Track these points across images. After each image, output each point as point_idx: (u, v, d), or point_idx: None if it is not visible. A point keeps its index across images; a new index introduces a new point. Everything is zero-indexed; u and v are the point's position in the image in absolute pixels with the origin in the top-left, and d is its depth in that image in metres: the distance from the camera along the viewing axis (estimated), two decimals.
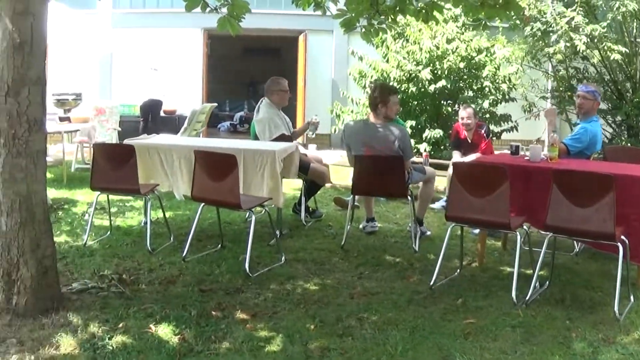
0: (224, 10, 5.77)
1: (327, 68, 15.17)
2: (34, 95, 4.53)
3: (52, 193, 8.63)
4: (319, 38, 14.88)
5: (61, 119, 10.20)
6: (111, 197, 6.95)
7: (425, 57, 11.35)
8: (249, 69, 18.19)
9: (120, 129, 11.26)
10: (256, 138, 7.35)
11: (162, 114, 13.88)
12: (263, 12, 14.19)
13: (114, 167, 6.21)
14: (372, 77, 11.71)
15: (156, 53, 14.12)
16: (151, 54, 13.54)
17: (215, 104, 10.29)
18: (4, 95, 4.47)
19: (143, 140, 7.07)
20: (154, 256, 6.01)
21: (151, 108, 13.26)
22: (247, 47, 17.81)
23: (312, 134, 7.95)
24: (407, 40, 11.72)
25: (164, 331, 4.35)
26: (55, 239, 6.08)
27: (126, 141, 6.88)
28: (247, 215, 7.00)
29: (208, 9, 5.69)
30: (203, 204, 6.01)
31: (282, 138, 7.19)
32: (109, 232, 6.78)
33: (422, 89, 11.41)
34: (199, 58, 14.95)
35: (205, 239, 6.59)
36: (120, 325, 4.42)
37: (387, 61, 11.89)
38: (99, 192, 6.47)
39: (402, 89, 11.44)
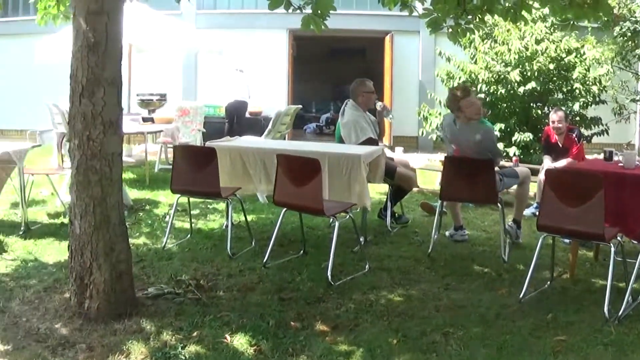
0: (308, 9, 5.62)
1: (414, 69, 14.83)
2: (110, 96, 4.43)
3: (133, 194, 8.72)
4: (405, 39, 14.57)
5: (144, 120, 10.26)
6: (193, 199, 6.89)
7: (514, 58, 10.97)
8: (335, 70, 18.01)
9: (204, 130, 11.27)
10: (341, 141, 7.13)
11: (247, 115, 13.86)
12: (349, 13, 14.03)
13: (194, 169, 6.11)
14: (460, 78, 11.37)
15: (241, 54, 14.10)
16: (236, 55, 13.48)
17: (300, 106, 10.15)
18: (78, 96, 4.40)
19: (225, 142, 6.95)
20: (234, 261, 5.87)
21: (236, 109, 13.25)
22: (333, 48, 17.65)
23: (391, 116, 7.71)
24: (496, 41, 11.39)
25: (240, 342, 4.17)
26: (134, 240, 6.19)
27: (208, 143, 6.79)
28: (330, 221, 6.77)
29: (291, 8, 5.54)
30: (285, 208, 5.82)
31: (368, 142, 6.96)
32: (189, 235, 6.69)
33: (512, 91, 11.06)
34: (284, 59, 14.88)
35: (287, 244, 6.41)
36: (195, 334, 4.26)
37: (475, 62, 11.56)
38: (179, 195, 6.36)
39: (491, 90, 11.14)
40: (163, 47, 9.93)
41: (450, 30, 5.97)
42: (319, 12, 5.60)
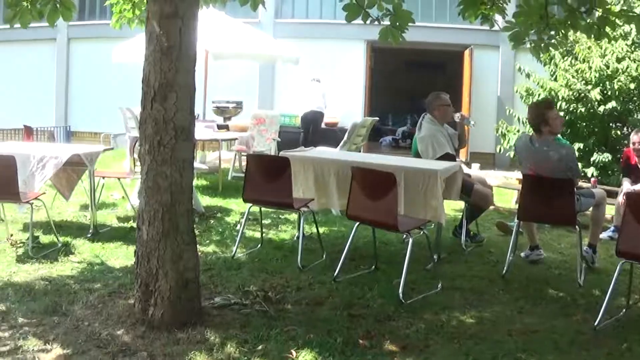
0: (387, 20, 5.52)
1: (493, 85, 14.46)
2: (182, 101, 4.37)
3: (205, 201, 8.71)
4: (484, 53, 14.21)
5: (219, 127, 10.27)
6: (265, 209, 6.84)
7: (595, 77, 10.61)
8: (412, 83, 17.71)
9: (279, 139, 11.22)
10: (417, 155, 6.94)
11: (323, 126, 13.77)
12: (427, 26, 13.80)
13: (268, 179, 6.04)
14: (539, 95, 11.06)
15: (317, 64, 14.03)
16: (312, 65, 13.40)
17: (377, 118, 9.97)
18: (150, 100, 4.35)
19: (299, 152, 6.84)
20: (304, 274, 5.74)
21: (313, 120, 13.15)
22: (410, 61, 17.38)
23: (472, 122, 7.50)
24: (576, 58, 11.04)
25: (306, 358, 4.02)
26: (204, 248, 6.14)
27: (282, 153, 6.70)
28: (404, 237, 6.57)
29: (369, 20, 5.46)
30: (358, 222, 5.66)
31: (446, 157, 6.76)
32: (259, 245, 6.60)
33: (591, 110, 10.72)
34: (361, 70, 14.70)
35: (358, 259, 6.22)
36: (260, 347, 4.13)
37: (555, 79, 11.25)
38: (251, 204, 6.29)
39: (570, 109, 10.80)
40: (240, 54, 9.87)
41: (532, 44, 5.75)
42: (398, 24, 5.51)
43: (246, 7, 6.11)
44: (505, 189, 9.38)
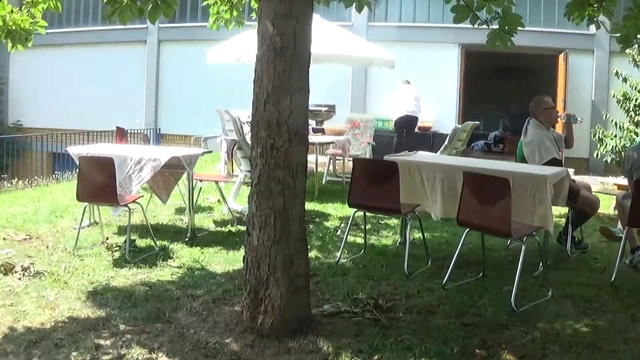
0: (495, 24, 5.35)
1: (587, 89, 13.93)
2: (296, 104, 4.26)
3: None
4: (579, 58, 13.66)
5: (314, 130, 10.16)
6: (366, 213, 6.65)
7: None
8: (503, 87, 17.20)
9: (374, 143, 11.03)
10: (522, 160, 6.73)
11: (416, 130, 13.55)
12: (520, 29, 13.39)
13: (375, 184, 5.90)
14: (636, 99, 10.53)
15: (411, 68, 13.66)
16: (406, 69, 13.05)
17: (477, 123, 9.65)
18: (263, 102, 4.24)
19: (404, 157, 6.65)
20: (411, 280, 5.58)
21: (407, 124, 12.91)
22: (501, 65, 16.86)
23: (580, 119, 7.22)
24: None
25: None
26: None
27: (387, 157, 6.53)
28: (508, 243, 6.37)
29: (478, 22, 5.28)
30: (468, 229, 5.46)
31: (552, 162, 6.53)
32: (362, 251, 6.44)
33: None
34: (455, 74, 14.36)
35: (464, 266, 5.98)
36: (376, 357, 3.98)
37: None
38: (355, 209, 6.16)
39: None
40: (336, 58, 9.69)
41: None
42: (507, 28, 5.35)
43: (339, 11, 5.99)
44: (603, 194, 8.96)
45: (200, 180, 7.48)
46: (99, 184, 6.05)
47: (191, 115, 15.05)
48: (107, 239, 6.57)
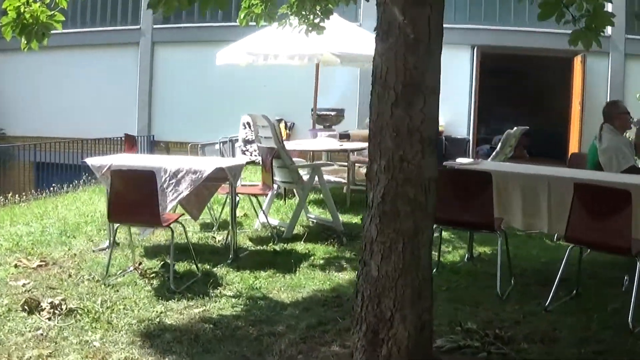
0: (582, 23, 4.99)
1: (602, 92, 13.49)
2: (430, 107, 3.57)
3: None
4: (594, 60, 13.15)
5: (341, 137, 9.47)
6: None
7: None
8: (511, 90, 16.47)
9: None
10: (596, 167, 6.21)
11: None
12: (535, 31, 12.99)
13: (463, 197, 5.23)
14: None
15: None
16: None
17: (526, 127, 9.02)
18: (390, 105, 3.53)
19: (472, 166, 6.01)
20: (505, 303, 5.02)
21: None
22: (516, 67, 16.24)
23: None
24: None
25: None
26: None
27: (458, 166, 5.91)
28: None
29: (563, 20, 4.92)
30: (572, 245, 4.90)
31: (631, 170, 6.17)
32: (435, 269, 5.72)
33: None
34: (467, 77, 13.64)
35: (548, 283, 5.32)
36: None
37: None
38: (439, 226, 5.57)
39: None
40: (344, 59, 8.92)
41: None
42: (594, 26, 4.96)
43: (348, 12, 5.33)
44: None
45: (238, 194, 6.65)
46: (138, 201, 5.25)
47: (187, 121, 14.17)
48: (139, 264, 5.73)
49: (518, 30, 13.08)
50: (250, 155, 9.80)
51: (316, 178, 6.99)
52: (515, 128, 7.78)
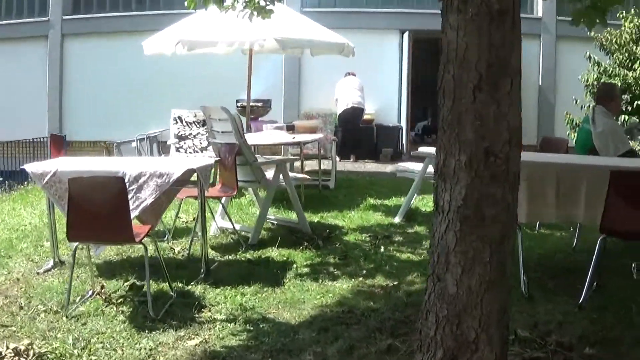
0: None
1: (534, 74, 13.46)
2: (516, 91, 3.01)
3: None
4: (525, 42, 13.04)
5: (288, 129, 8.79)
6: None
7: None
8: (434, 74, 16.04)
9: (335, 138, 9.76)
10: (591, 152, 5.89)
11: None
12: None
13: None
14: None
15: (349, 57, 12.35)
16: (343, 58, 11.62)
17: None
18: (471, 89, 2.94)
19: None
20: (534, 303, 4.61)
21: (352, 117, 11.71)
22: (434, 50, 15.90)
23: None
24: None
25: None
26: (371, 281, 5.10)
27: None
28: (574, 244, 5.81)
29: None
30: (604, 235, 4.55)
31: (630, 154, 5.95)
32: None
33: None
34: (396, 63, 13.19)
35: (559, 275, 5.16)
36: None
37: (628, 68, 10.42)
38: None
39: None
40: (287, 45, 8.18)
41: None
42: (599, 4, 4.44)
43: None
44: None
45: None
46: (105, 214, 4.40)
47: (102, 118, 12.97)
48: (101, 287, 4.86)
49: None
50: (185, 152, 8.93)
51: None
52: None
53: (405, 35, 12.42)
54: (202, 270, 5.24)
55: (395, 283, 5.03)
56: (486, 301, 3.02)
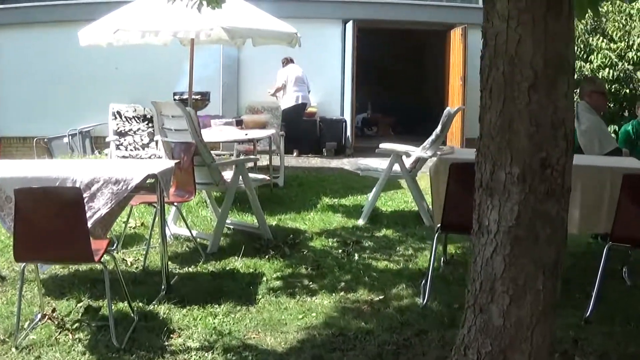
0: None
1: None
2: (572, 92, 2.61)
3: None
4: (472, 33, 12.66)
5: (237, 123, 8.20)
6: None
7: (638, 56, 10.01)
8: (381, 65, 15.54)
9: (283, 133, 9.25)
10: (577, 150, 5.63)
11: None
12: (409, 3, 12.40)
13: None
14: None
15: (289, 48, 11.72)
16: (283, 50, 10.90)
17: (463, 107, 8.13)
18: (526, 89, 2.53)
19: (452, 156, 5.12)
20: None
21: (298, 112, 11.16)
22: (392, 42, 15.40)
23: None
24: (611, 39, 10.33)
25: None
26: (354, 295, 4.69)
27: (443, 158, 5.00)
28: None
29: None
30: (611, 242, 4.26)
31: (616, 152, 5.69)
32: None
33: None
34: (339, 54, 12.62)
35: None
36: None
37: (585, 60, 10.33)
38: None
39: (612, 90, 10.03)
40: (235, 35, 7.54)
41: None
42: None
43: None
44: None
45: (150, 203, 5.27)
46: (60, 231, 3.79)
47: (32, 113, 11.91)
48: (53, 310, 4.24)
49: (394, 3, 12.44)
50: (126, 149, 8.23)
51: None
52: (455, 108, 6.95)
53: (349, 24, 11.96)
54: (162, 287, 4.65)
55: (381, 297, 4.59)
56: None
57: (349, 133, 12.09)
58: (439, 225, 4.54)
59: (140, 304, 4.42)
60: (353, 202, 7.60)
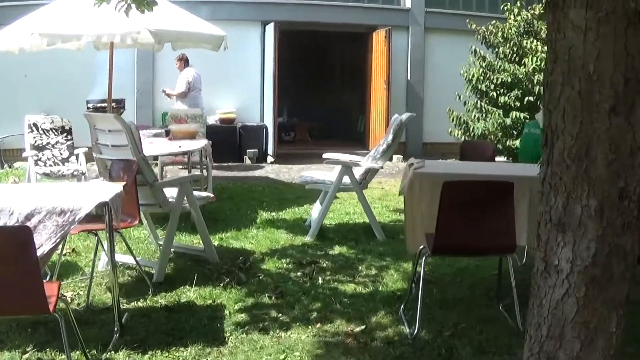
0: None
1: (403, 69, 12.91)
2: None
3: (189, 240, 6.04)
4: (395, 35, 12.36)
5: (167, 134, 7.60)
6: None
7: None
8: (298, 68, 14.93)
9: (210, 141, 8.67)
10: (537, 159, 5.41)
11: (216, 122, 11.48)
12: (331, 4, 12.09)
13: (475, 215, 4.03)
14: (497, 79, 10.00)
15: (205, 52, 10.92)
16: (198, 54, 10.18)
17: (414, 114, 7.68)
18: (607, 111, 2.24)
19: (424, 170, 4.80)
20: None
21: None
22: (313, 45, 14.87)
23: None
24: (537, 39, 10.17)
25: None
26: (330, 327, 4.29)
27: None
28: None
29: None
30: None
31: None
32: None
33: None
34: (258, 57, 12.14)
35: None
36: None
37: (518, 62, 10.17)
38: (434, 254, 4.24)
39: None
40: (163, 38, 6.91)
41: None
42: None
43: None
44: None
45: (92, 232, 4.68)
46: (6, 279, 3.21)
47: None
48: None
49: (315, 5, 12.09)
50: (45, 165, 7.43)
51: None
52: (406, 115, 6.62)
53: (270, 27, 11.47)
54: (115, 329, 4.09)
55: (363, 328, 4.22)
56: None
57: (270, 139, 11.63)
58: (421, 247, 4.21)
59: (94, 351, 3.84)
60: (292, 216, 7.21)
